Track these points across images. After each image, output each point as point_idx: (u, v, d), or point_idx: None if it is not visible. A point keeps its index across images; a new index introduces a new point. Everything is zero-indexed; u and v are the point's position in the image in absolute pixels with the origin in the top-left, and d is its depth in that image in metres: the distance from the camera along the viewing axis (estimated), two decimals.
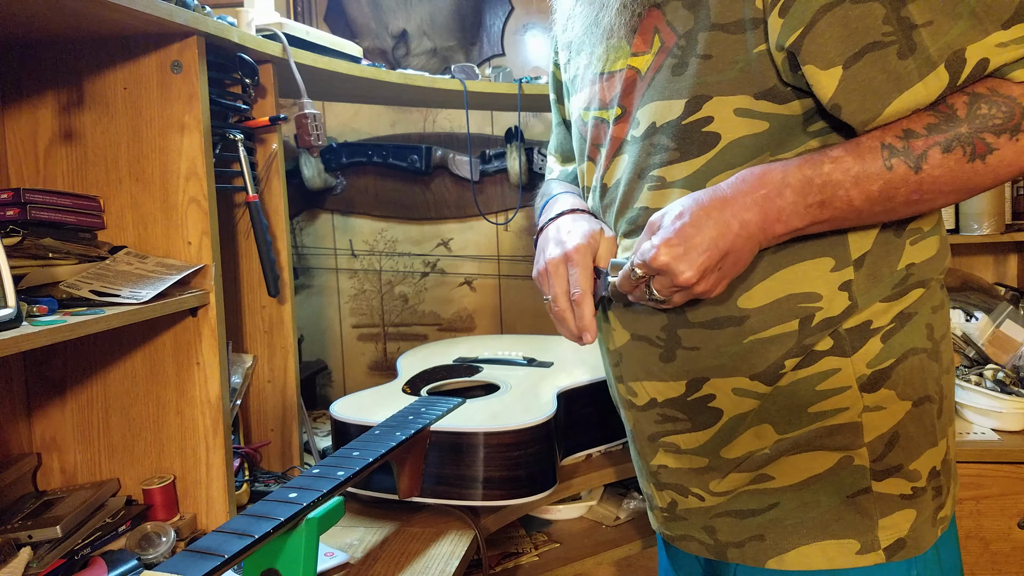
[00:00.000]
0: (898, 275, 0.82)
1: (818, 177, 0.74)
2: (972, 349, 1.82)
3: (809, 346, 0.81)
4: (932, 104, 0.73)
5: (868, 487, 0.83)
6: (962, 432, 1.65)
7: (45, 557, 0.98)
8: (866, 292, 0.81)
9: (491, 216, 2.18)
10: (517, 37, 2.19)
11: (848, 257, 0.81)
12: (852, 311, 0.81)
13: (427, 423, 1.11)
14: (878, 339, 0.82)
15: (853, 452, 0.82)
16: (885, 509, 0.83)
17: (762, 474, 0.85)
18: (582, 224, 0.91)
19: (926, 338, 0.84)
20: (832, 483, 0.83)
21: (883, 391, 0.82)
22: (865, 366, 0.81)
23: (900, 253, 0.82)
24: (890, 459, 0.82)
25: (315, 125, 1.34)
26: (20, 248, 0.99)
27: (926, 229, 0.84)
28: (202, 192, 1.10)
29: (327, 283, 2.26)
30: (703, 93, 0.80)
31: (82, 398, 1.16)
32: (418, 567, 1.03)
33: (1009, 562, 1.59)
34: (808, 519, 0.84)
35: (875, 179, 0.73)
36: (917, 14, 0.71)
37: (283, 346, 1.38)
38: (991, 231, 1.84)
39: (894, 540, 0.82)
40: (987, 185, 0.75)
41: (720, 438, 0.87)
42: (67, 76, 1.11)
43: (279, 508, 0.81)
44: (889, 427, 0.82)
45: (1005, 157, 0.72)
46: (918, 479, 0.83)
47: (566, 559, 1.44)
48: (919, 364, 0.83)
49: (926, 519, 0.84)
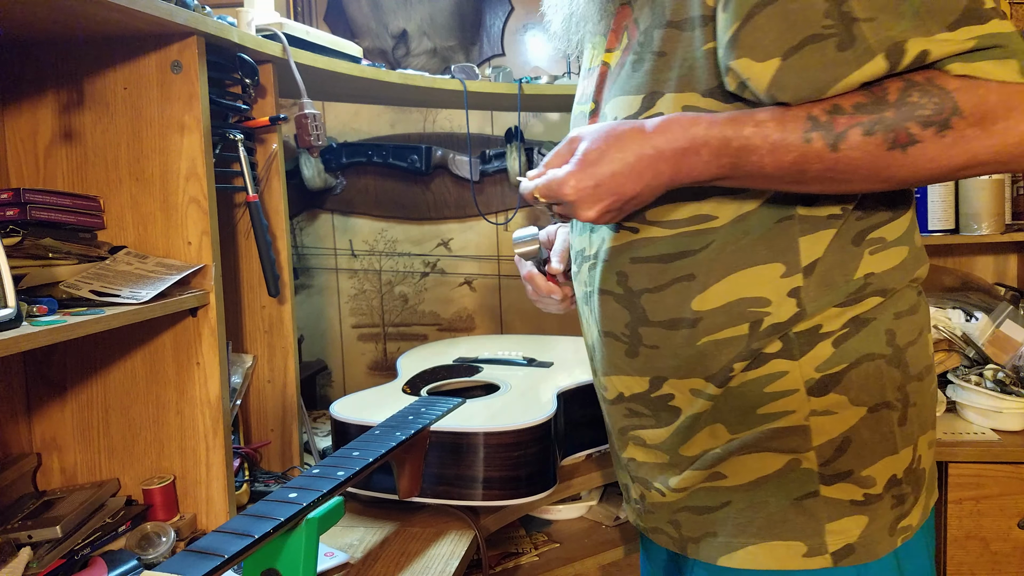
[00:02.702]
0: (854, 284, 0.81)
1: (736, 139, 0.74)
2: (972, 349, 1.82)
3: (758, 350, 0.81)
4: (867, 84, 0.71)
5: (816, 491, 0.82)
6: (962, 432, 1.65)
7: (45, 557, 0.98)
8: (816, 300, 0.80)
9: (491, 216, 2.18)
10: (517, 37, 2.19)
11: (798, 263, 0.80)
12: (801, 318, 0.80)
13: (427, 423, 1.11)
14: (829, 343, 0.81)
15: (801, 455, 0.82)
16: (833, 514, 0.82)
17: (716, 472, 0.86)
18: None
19: (886, 344, 0.82)
20: (780, 485, 0.83)
21: (832, 396, 0.81)
22: (814, 370, 0.81)
23: (857, 262, 0.81)
24: (840, 464, 0.82)
25: (315, 125, 1.34)
26: (20, 248, 1.00)
27: (889, 239, 0.82)
28: (202, 192, 1.10)
29: (327, 283, 2.26)
30: (657, 89, 0.81)
31: (82, 398, 1.16)
32: (418, 567, 1.03)
33: (1009, 562, 1.59)
34: (757, 519, 0.84)
35: (791, 150, 0.73)
36: (859, 9, 0.70)
37: (283, 346, 1.38)
38: (991, 231, 1.84)
39: (842, 545, 0.82)
40: (905, 178, 0.73)
41: (679, 436, 0.88)
42: (67, 76, 1.11)
43: (279, 508, 0.81)
44: (840, 432, 0.81)
45: (927, 151, 0.70)
46: (871, 486, 0.82)
47: (566, 559, 1.44)
48: (876, 370, 0.81)
49: (882, 527, 0.83)
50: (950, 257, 2.06)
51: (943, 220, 1.86)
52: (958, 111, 0.68)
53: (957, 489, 1.60)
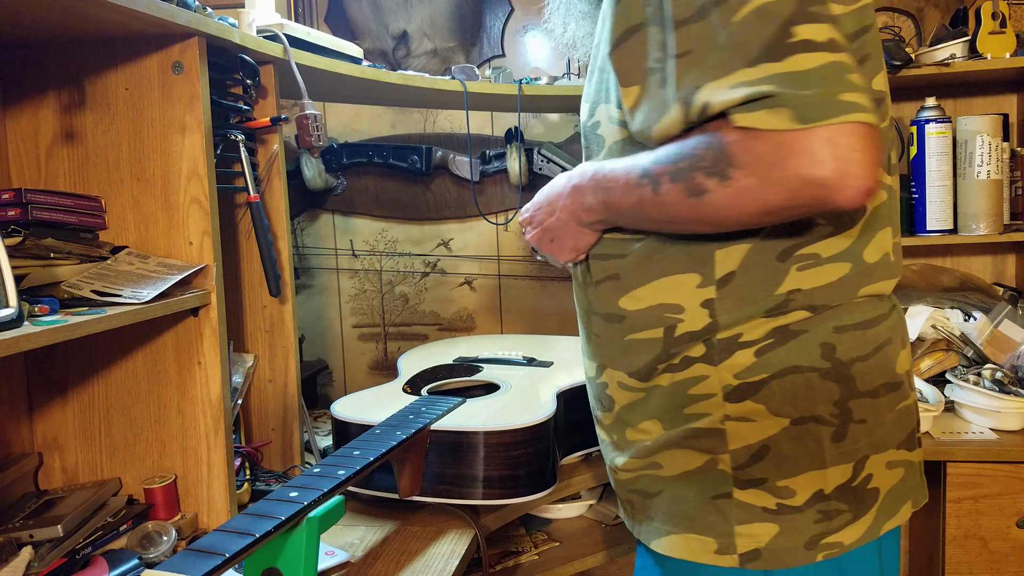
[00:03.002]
0: (774, 299, 0.81)
1: (608, 181, 0.83)
2: (971, 349, 1.83)
3: (675, 354, 0.84)
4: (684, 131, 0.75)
5: (729, 492, 0.84)
6: (960, 431, 1.65)
7: (46, 556, 0.99)
8: (730, 313, 0.81)
9: (491, 216, 2.18)
10: (517, 38, 2.19)
11: (713, 275, 0.82)
12: (714, 329, 0.82)
13: (427, 422, 1.12)
14: (750, 352, 0.81)
15: (718, 456, 0.84)
16: (744, 517, 0.83)
17: (654, 462, 0.89)
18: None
19: (820, 358, 0.81)
20: (700, 482, 0.85)
21: (749, 404, 0.82)
22: (732, 376, 0.82)
23: (781, 278, 0.81)
24: (754, 471, 0.83)
25: (316, 126, 1.35)
26: (22, 248, 1.00)
27: (825, 255, 0.81)
28: (203, 192, 1.10)
29: (328, 283, 2.26)
30: (596, 100, 0.89)
31: (83, 398, 1.16)
32: (419, 566, 1.04)
33: (1008, 561, 1.60)
34: (680, 511, 0.87)
35: (633, 192, 0.80)
36: (677, 43, 0.73)
37: (284, 346, 1.38)
38: (989, 231, 1.84)
39: (750, 549, 0.83)
40: (722, 222, 0.76)
41: (619, 423, 0.93)
42: (68, 77, 1.11)
43: (280, 507, 0.81)
44: (758, 440, 0.82)
45: (716, 200, 0.72)
46: (789, 496, 0.82)
47: (566, 558, 1.44)
48: (804, 383, 0.81)
49: (796, 539, 0.82)
50: (948, 257, 2.06)
51: (942, 220, 1.87)
52: (732, 163, 0.70)
53: (956, 488, 1.60)
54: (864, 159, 0.66)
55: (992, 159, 1.83)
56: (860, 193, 0.67)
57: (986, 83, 1.98)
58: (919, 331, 1.86)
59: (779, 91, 0.66)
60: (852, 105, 0.66)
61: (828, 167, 0.66)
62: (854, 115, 0.66)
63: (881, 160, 0.69)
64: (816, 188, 0.67)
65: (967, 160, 1.85)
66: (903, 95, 2.01)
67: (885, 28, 2.02)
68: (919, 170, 1.88)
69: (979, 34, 1.80)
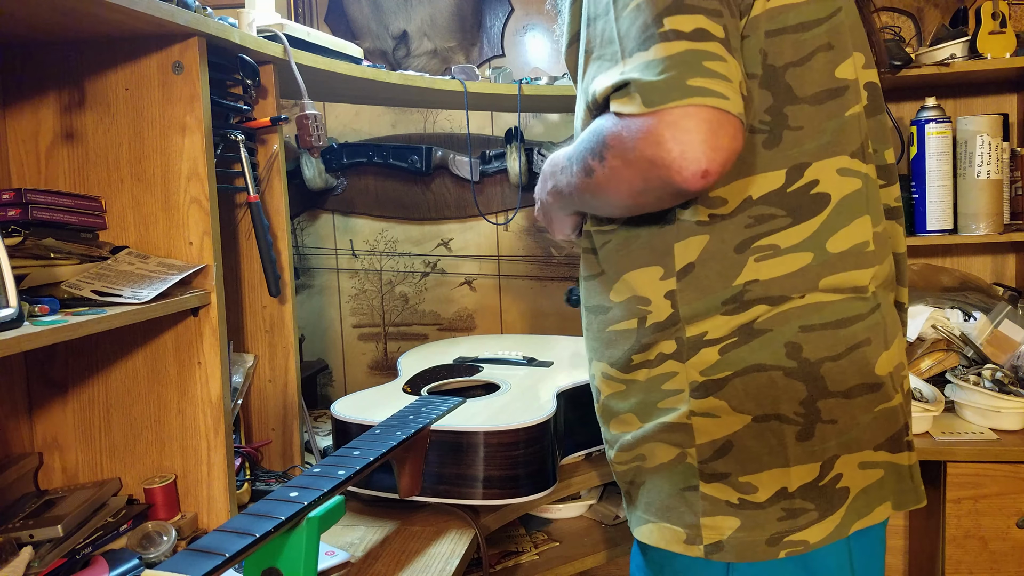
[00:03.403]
0: (732, 290, 0.82)
1: (554, 166, 0.93)
2: (970, 349, 1.83)
3: (647, 345, 0.87)
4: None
5: (696, 485, 0.86)
6: (960, 431, 1.65)
7: (46, 556, 0.99)
8: (689, 304, 0.84)
9: (491, 216, 2.18)
10: (517, 38, 2.19)
11: (673, 267, 0.85)
12: (676, 319, 0.85)
13: (427, 422, 1.12)
14: (715, 350, 0.83)
15: (686, 450, 0.86)
16: (708, 509, 0.85)
17: (640, 454, 0.91)
18: None
19: (784, 356, 0.82)
20: (672, 474, 0.88)
21: (712, 400, 0.84)
22: (698, 373, 0.84)
23: (739, 269, 0.82)
24: (718, 465, 0.85)
25: (316, 126, 1.35)
26: (22, 248, 1.00)
27: (784, 246, 0.82)
28: (203, 192, 1.10)
29: (328, 283, 2.26)
30: (578, 98, 0.93)
31: (83, 398, 1.16)
32: (419, 566, 1.04)
33: (1007, 561, 1.60)
34: (655, 501, 0.90)
35: (564, 176, 0.89)
36: (587, 40, 0.80)
37: (284, 346, 1.38)
38: (989, 231, 1.84)
39: (714, 540, 0.85)
40: (611, 204, 0.84)
41: (605, 414, 0.95)
42: (68, 77, 1.11)
43: (280, 507, 0.81)
44: (721, 435, 0.84)
45: (600, 182, 0.80)
46: (751, 492, 0.83)
47: (565, 558, 1.44)
48: (767, 381, 0.82)
49: (757, 534, 0.83)
50: (948, 257, 2.06)
51: (941, 220, 1.87)
52: (606, 144, 0.77)
53: (956, 488, 1.60)
54: (705, 142, 0.69)
55: (992, 159, 1.83)
56: (696, 176, 0.70)
57: (986, 83, 1.98)
58: (919, 331, 1.86)
59: (635, 78, 0.72)
60: (700, 90, 0.69)
61: (669, 149, 0.70)
62: (700, 99, 0.69)
63: (734, 147, 0.71)
64: (660, 169, 0.72)
65: (967, 160, 1.85)
66: (903, 95, 2.01)
67: (885, 28, 2.01)
68: (919, 170, 1.88)
69: (979, 34, 1.80)
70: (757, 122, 0.81)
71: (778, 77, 0.82)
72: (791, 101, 0.82)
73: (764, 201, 0.82)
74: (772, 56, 0.81)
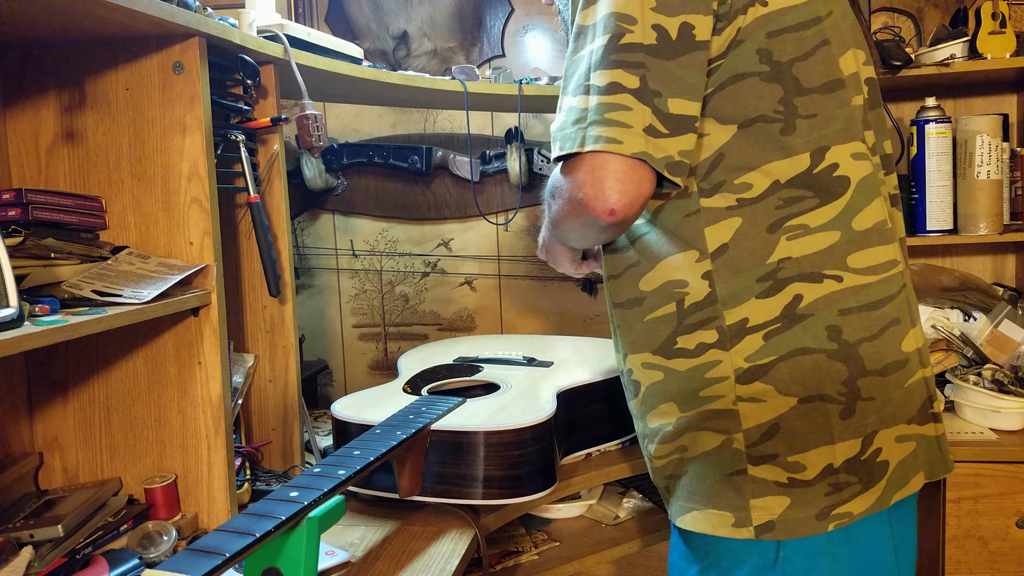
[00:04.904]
0: (766, 268, 0.88)
1: (543, 200, 0.97)
2: (970, 349, 1.83)
3: (690, 326, 0.91)
4: None
5: (744, 469, 0.89)
6: (960, 431, 1.65)
7: (47, 556, 0.99)
8: (726, 281, 0.88)
9: (491, 216, 2.18)
10: (517, 38, 2.19)
11: (707, 250, 0.89)
12: (713, 299, 0.89)
13: (428, 422, 1.12)
14: (759, 336, 0.88)
15: (732, 436, 0.90)
16: (758, 491, 0.89)
17: (682, 445, 0.94)
18: None
19: (827, 339, 0.87)
20: (717, 460, 0.91)
21: (758, 385, 0.88)
22: (743, 360, 0.88)
23: (772, 248, 0.88)
24: (766, 448, 0.88)
25: (316, 126, 1.35)
26: (22, 248, 1.00)
27: (813, 225, 0.88)
28: (204, 192, 1.10)
29: (328, 283, 2.27)
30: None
31: (84, 398, 1.16)
32: (419, 565, 1.04)
33: (1007, 561, 1.60)
34: (701, 488, 0.93)
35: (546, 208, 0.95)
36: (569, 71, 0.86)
37: (284, 346, 1.39)
38: (989, 231, 1.84)
39: (764, 521, 0.88)
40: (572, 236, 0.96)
41: (645, 405, 0.98)
42: (69, 77, 1.11)
43: (280, 507, 0.81)
44: (768, 419, 0.88)
45: (557, 217, 0.91)
46: (800, 471, 0.88)
47: (566, 558, 1.44)
48: (812, 364, 0.87)
49: (807, 511, 0.88)
50: (948, 257, 2.06)
51: (941, 220, 1.87)
52: (555, 185, 0.89)
53: (955, 488, 1.60)
54: (610, 185, 0.79)
55: (992, 159, 1.83)
56: (605, 213, 0.80)
57: (986, 83, 1.98)
58: None
59: (564, 127, 0.83)
60: (601, 139, 0.79)
61: (583, 191, 0.81)
62: (601, 146, 0.79)
63: (640, 191, 0.80)
64: (582, 207, 0.82)
65: (967, 160, 1.85)
66: (903, 95, 2.01)
67: (885, 28, 2.02)
68: (919, 170, 1.88)
69: (979, 34, 1.80)
70: (772, 112, 0.87)
71: (785, 71, 0.87)
72: (800, 92, 0.87)
73: (792, 183, 0.87)
74: (777, 53, 0.87)
